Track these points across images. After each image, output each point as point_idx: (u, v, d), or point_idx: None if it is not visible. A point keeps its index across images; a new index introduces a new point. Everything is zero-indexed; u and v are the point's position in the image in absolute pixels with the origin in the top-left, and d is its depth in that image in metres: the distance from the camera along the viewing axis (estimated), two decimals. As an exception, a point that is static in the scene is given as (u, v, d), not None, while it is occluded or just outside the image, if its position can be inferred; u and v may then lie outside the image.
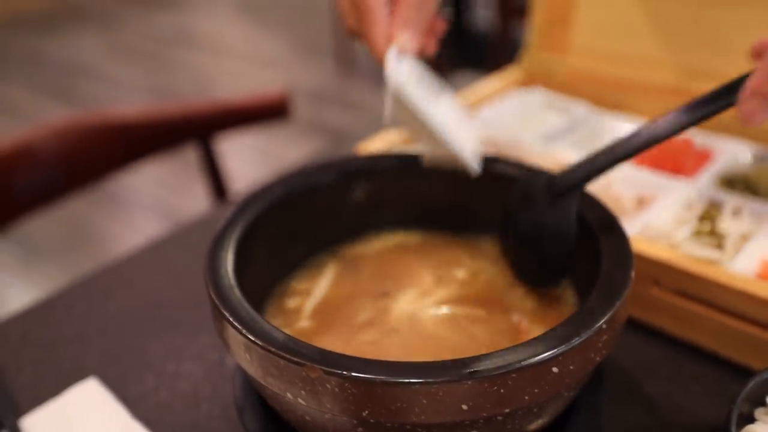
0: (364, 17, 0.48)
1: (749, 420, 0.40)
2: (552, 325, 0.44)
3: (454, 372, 0.33)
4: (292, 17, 4.38)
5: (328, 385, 0.34)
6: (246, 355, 0.37)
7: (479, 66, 0.90)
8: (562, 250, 0.45)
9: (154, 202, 2.46)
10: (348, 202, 0.52)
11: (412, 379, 0.33)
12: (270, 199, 0.48)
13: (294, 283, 0.50)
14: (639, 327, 0.56)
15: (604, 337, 0.36)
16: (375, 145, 0.70)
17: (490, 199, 0.51)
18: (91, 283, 0.66)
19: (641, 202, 0.64)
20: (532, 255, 0.47)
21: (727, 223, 0.57)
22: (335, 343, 0.44)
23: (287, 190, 0.49)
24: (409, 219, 0.54)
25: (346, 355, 0.35)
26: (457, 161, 0.47)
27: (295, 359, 0.34)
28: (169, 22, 4.42)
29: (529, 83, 0.88)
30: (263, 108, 1.03)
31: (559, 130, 0.77)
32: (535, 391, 0.34)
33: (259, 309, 0.47)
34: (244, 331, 0.36)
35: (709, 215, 0.59)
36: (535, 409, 0.37)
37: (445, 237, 0.54)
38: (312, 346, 0.35)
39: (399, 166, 0.52)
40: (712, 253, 0.54)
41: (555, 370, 0.34)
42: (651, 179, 0.65)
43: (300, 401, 0.35)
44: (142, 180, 2.53)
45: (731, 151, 0.69)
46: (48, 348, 0.58)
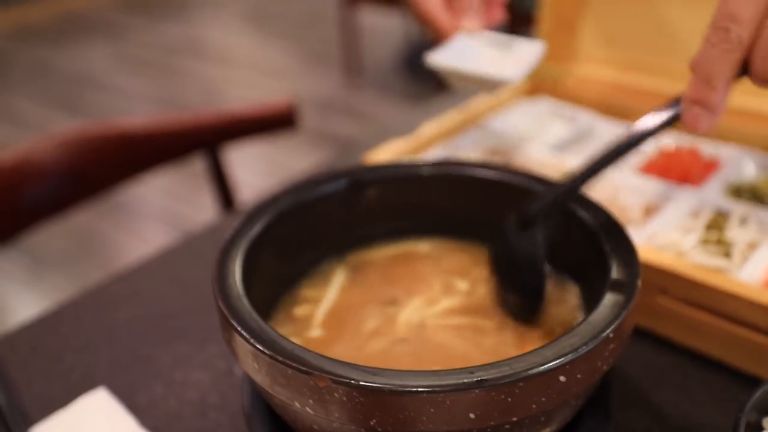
0: (425, 16, 0.68)
1: (757, 429, 0.39)
2: (558, 334, 0.44)
3: (461, 381, 0.33)
4: (298, 27, 4.40)
5: (336, 395, 0.34)
6: (254, 364, 0.37)
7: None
8: (531, 282, 0.45)
9: (162, 213, 2.47)
10: (356, 210, 0.52)
11: (420, 388, 0.33)
12: (278, 208, 0.48)
13: (303, 291, 0.50)
14: (646, 336, 0.56)
15: (611, 345, 0.37)
16: (382, 154, 0.71)
17: (498, 208, 0.51)
18: (99, 293, 0.66)
19: (648, 211, 0.64)
20: (504, 285, 0.47)
21: (734, 232, 0.57)
22: (346, 352, 0.44)
23: (295, 200, 0.49)
24: (416, 227, 0.55)
25: (354, 364, 0.35)
26: (498, 85, 0.65)
27: (303, 368, 0.34)
28: (176, 32, 4.45)
29: (535, 92, 0.89)
30: (270, 118, 1.04)
31: (565, 139, 0.78)
32: (543, 399, 0.34)
33: (268, 317, 0.47)
34: (252, 340, 0.36)
35: (716, 224, 0.59)
36: (543, 418, 0.37)
37: (454, 245, 0.54)
38: (320, 355, 0.35)
39: (406, 174, 0.53)
40: (720, 261, 0.54)
41: (562, 378, 0.34)
42: (657, 188, 0.65)
43: (308, 410, 0.36)
44: (149, 190, 2.54)
45: (738, 159, 0.69)
46: (57, 358, 0.58)
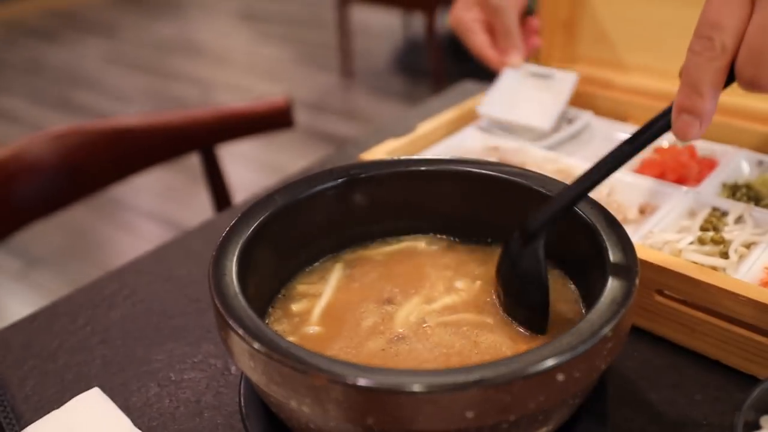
0: (469, 44, 0.83)
1: (755, 427, 0.39)
2: (556, 333, 0.44)
3: (459, 380, 0.33)
4: (293, 27, 4.40)
5: (332, 393, 0.34)
6: (250, 362, 0.37)
7: (483, 76, 0.91)
8: (535, 295, 0.45)
9: (158, 212, 2.46)
10: (352, 207, 0.52)
11: (417, 387, 0.33)
12: (274, 205, 0.48)
13: (299, 288, 0.50)
14: (643, 335, 0.56)
15: (609, 345, 0.36)
16: (378, 154, 0.70)
17: (496, 207, 0.51)
18: (93, 292, 0.66)
19: (644, 211, 0.64)
20: (509, 297, 0.47)
21: (730, 231, 0.57)
22: (344, 350, 0.44)
23: (291, 197, 0.49)
24: (413, 225, 0.54)
25: (351, 362, 0.34)
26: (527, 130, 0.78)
27: (299, 367, 0.34)
28: (169, 31, 4.44)
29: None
30: (267, 115, 1.04)
31: (562, 139, 0.78)
32: (540, 398, 0.34)
33: (264, 313, 0.47)
34: (248, 338, 0.36)
35: (712, 223, 0.59)
36: (540, 417, 0.37)
37: (452, 244, 0.54)
38: (316, 354, 0.35)
39: (402, 172, 0.52)
40: (716, 260, 0.54)
41: (560, 377, 0.34)
42: (654, 187, 0.65)
43: (304, 409, 0.35)
44: (145, 190, 2.53)
45: (734, 159, 0.69)
46: (50, 357, 0.58)
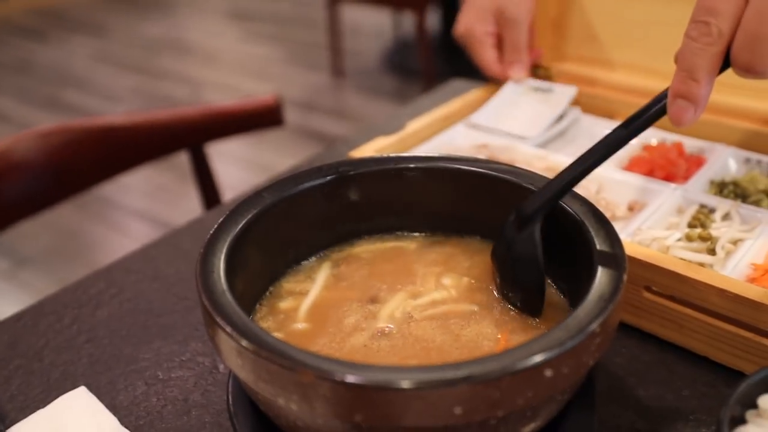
0: (477, 57, 0.85)
1: (741, 422, 0.40)
2: (544, 329, 0.44)
3: (447, 376, 0.33)
4: (283, 26, 4.38)
5: (320, 390, 0.34)
6: (238, 360, 0.36)
7: (474, 76, 0.92)
8: (531, 278, 0.46)
9: (147, 211, 2.45)
10: (340, 205, 0.52)
11: (406, 384, 0.32)
12: (262, 203, 0.47)
13: (287, 285, 0.50)
14: (631, 331, 0.56)
15: (597, 341, 0.36)
16: (367, 152, 0.70)
17: (485, 204, 0.51)
18: (80, 290, 0.65)
19: (632, 208, 0.64)
20: (506, 281, 0.48)
21: (717, 228, 0.58)
22: (328, 345, 0.44)
23: (279, 195, 0.49)
24: (402, 222, 0.54)
25: (339, 359, 0.34)
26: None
27: (287, 364, 0.34)
28: (159, 31, 4.42)
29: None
30: (256, 113, 1.03)
31: (551, 135, 0.78)
32: (529, 394, 0.34)
33: (251, 311, 0.47)
34: (235, 336, 0.36)
35: (700, 220, 0.59)
36: (529, 413, 0.37)
37: (441, 240, 0.54)
38: (304, 351, 0.35)
39: (390, 169, 0.52)
40: (703, 257, 0.55)
41: (548, 373, 0.34)
42: (642, 185, 0.65)
43: (292, 406, 0.35)
44: (134, 189, 2.52)
45: (722, 156, 0.69)
46: (36, 356, 0.57)
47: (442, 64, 3.32)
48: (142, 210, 2.45)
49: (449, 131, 0.78)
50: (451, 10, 3.67)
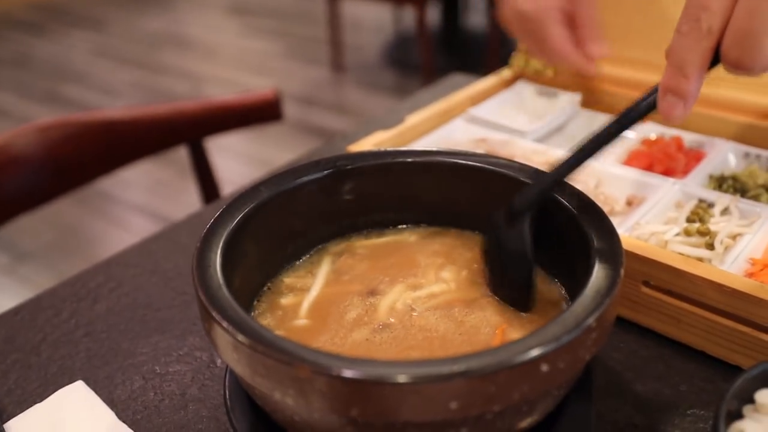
0: (544, 37, 0.68)
1: (738, 416, 0.40)
2: (541, 322, 0.44)
3: (443, 370, 0.33)
4: (283, 21, 4.37)
5: (316, 385, 0.33)
6: (234, 354, 0.36)
7: (474, 70, 0.92)
8: (521, 273, 0.46)
9: (146, 206, 2.44)
10: (339, 199, 0.52)
11: (401, 378, 0.32)
12: (259, 197, 0.47)
13: (286, 281, 0.50)
14: (629, 326, 0.56)
15: (593, 335, 0.36)
16: (366, 146, 0.70)
17: (484, 198, 0.51)
18: (78, 285, 0.65)
19: (631, 202, 0.64)
20: (496, 277, 0.48)
21: (716, 222, 0.58)
22: (330, 341, 0.44)
23: (277, 189, 0.48)
24: (401, 216, 0.54)
25: (335, 354, 0.34)
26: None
27: (283, 358, 0.34)
28: (158, 25, 4.41)
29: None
30: (255, 108, 1.03)
31: (549, 130, 0.78)
32: (524, 389, 0.34)
33: (250, 307, 0.47)
34: (232, 330, 0.36)
35: (699, 215, 0.59)
36: (525, 407, 0.37)
37: (438, 232, 0.54)
38: (300, 345, 0.35)
39: (389, 163, 0.52)
40: (702, 252, 0.55)
41: (545, 368, 0.34)
42: (640, 179, 0.65)
43: (288, 401, 0.35)
44: (133, 183, 2.52)
45: (721, 151, 0.69)
46: (33, 350, 0.57)
47: (442, 59, 3.31)
48: (141, 204, 2.45)
49: (448, 125, 0.78)
50: (450, 4, 3.66)
